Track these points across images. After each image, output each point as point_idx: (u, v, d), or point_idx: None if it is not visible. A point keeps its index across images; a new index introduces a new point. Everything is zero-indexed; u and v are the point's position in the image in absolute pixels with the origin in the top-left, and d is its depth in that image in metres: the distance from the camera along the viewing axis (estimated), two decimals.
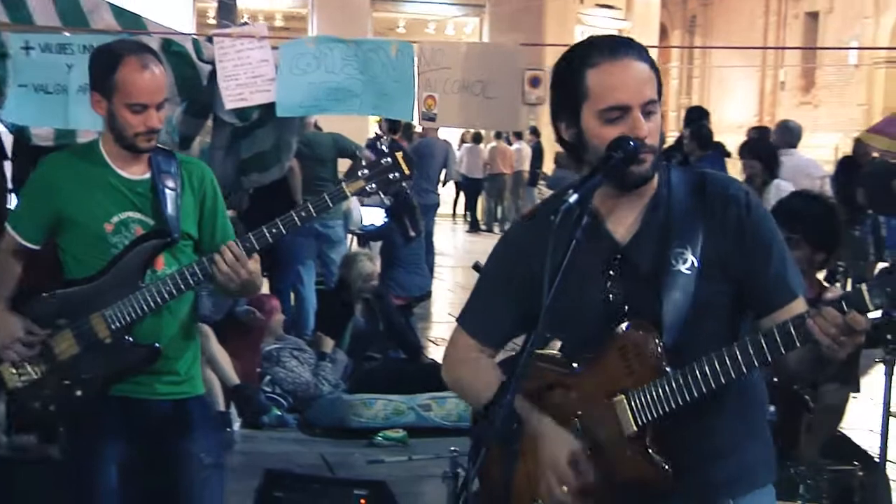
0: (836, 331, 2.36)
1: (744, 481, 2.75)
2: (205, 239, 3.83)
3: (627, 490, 2.66)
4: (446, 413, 7.94)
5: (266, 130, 7.17)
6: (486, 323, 2.91)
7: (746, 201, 2.70)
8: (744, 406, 2.74)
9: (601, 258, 2.72)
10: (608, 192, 2.69)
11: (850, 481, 4.53)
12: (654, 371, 2.60)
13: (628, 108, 2.59)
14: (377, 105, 6.69)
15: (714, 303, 2.65)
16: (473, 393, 2.87)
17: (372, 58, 6.53)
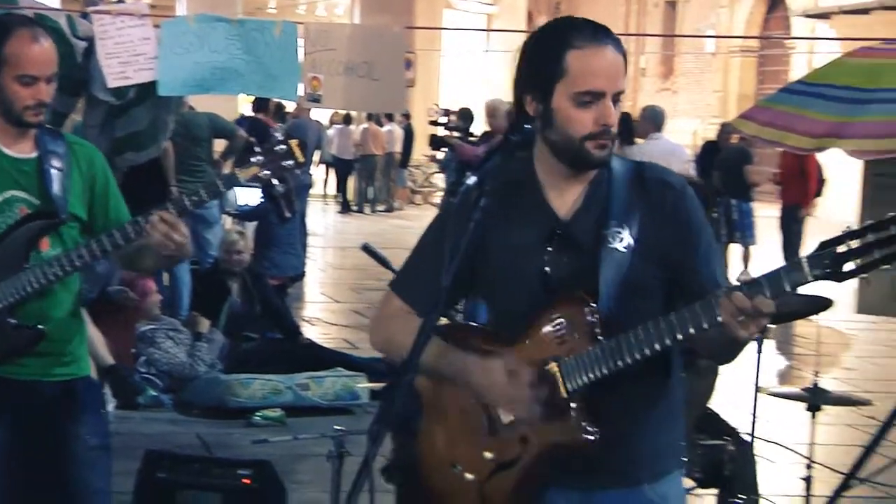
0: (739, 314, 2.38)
1: (659, 465, 2.78)
2: (98, 221, 3.71)
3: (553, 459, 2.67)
4: (324, 392, 7.90)
5: (142, 109, 7.02)
6: (417, 288, 2.87)
7: (682, 190, 2.75)
8: (664, 393, 2.77)
9: (542, 232, 2.73)
10: (556, 168, 2.73)
11: (719, 455, 4.61)
12: (587, 340, 2.62)
13: (602, 94, 2.62)
14: (262, 85, 6.60)
15: (646, 283, 2.69)
16: (399, 346, 2.80)
17: (256, 38, 6.43)
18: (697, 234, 2.72)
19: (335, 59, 6.52)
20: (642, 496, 2.74)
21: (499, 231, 2.68)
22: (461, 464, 2.76)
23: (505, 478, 2.71)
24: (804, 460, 5.07)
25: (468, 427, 2.76)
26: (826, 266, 2.33)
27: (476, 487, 2.74)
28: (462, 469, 2.76)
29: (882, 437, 5.08)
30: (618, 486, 2.73)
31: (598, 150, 2.65)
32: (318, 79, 6.58)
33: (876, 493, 5.46)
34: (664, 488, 2.77)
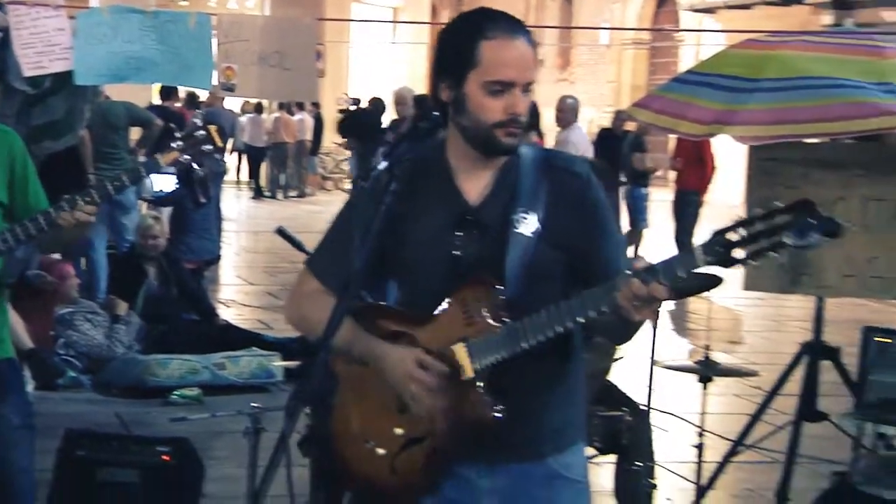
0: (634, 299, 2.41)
1: (561, 438, 2.79)
2: (17, 205, 3.64)
3: (461, 434, 2.67)
4: (240, 371, 7.86)
5: (58, 98, 6.92)
6: (331, 268, 2.84)
7: (588, 179, 2.75)
8: (566, 372, 2.78)
9: (452, 215, 2.72)
10: (467, 154, 2.72)
11: (618, 425, 4.66)
12: (493, 321, 2.63)
13: (512, 84, 2.62)
14: (176, 75, 6.52)
15: (551, 267, 2.69)
16: (315, 325, 2.78)
17: (170, 28, 6.34)
18: (601, 222, 2.74)
19: (248, 50, 6.47)
20: (547, 467, 2.76)
21: (410, 215, 2.66)
22: (373, 439, 2.75)
23: (415, 453, 2.70)
24: (696, 429, 5.14)
25: (379, 404, 2.74)
26: (718, 253, 2.36)
27: (387, 462, 2.73)
28: (374, 444, 2.75)
29: (767, 405, 5.17)
30: (523, 459, 2.74)
31: (507, 137, 2.65)
32: (231, 68, 6.52)
33: (762, 457, 5.55)
34: (568, 459, 2.80)
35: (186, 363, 7.82)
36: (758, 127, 4.78)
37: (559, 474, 2.77)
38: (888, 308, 10.57)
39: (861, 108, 4.61)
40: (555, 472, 2.76)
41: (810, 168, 5.02)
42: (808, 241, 2.31)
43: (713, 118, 4.85)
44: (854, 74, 4.73)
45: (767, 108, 4.75)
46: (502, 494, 2.74)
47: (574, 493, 2.79)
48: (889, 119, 4.58)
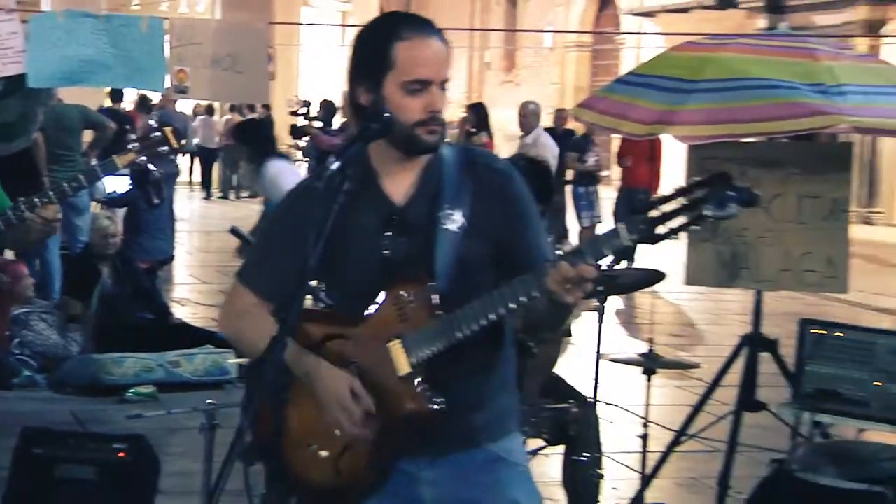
0: (565, 281, 2.42)
1: (499, 427, 2.80)
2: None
3: (400, 430, 2.66)
4: (194, 368, 7.80)
5: (12, 101, 6.84)
6: (265, 278, 2.83)
7: (510, 175, 2.77)
8: (499, 362, 2.79)
9: (379, 216, 2.71)
10: (389, 156, 2.71)
11: (565, 417, 4.67)
12: (426, 316, 2.62)
13: (429, 82, 2.63)
14: (129, 77, 6.46)
15: (478, 260, 2.70)
16: (251, 344, 2.79)
17: (123, 32, 6.29)
18: (525, 214, 2.75)
19: (201, 53, 6.44)
20: (486, 452, 2.76)
21: (340, 217, 2.60)
22: (315, 442, 2.72)
23: (356, 452, 2.68)
24: (641, 420, 5.17)
25: (319, 407, 2.70)
26: (641, 231, 2.38)
27: (331, 463, 2.71)
28: (316, 447, 2.72)
29: (709, 396, 5.21)
30: (463, 448, 2.74)
31: (428, 135, 2.66)
32: (184, 71, 6.48)
33: (704, 447, 5.58)
34: (508, 444, 2.81)
35: (141, 361, 7.76)
36: (697, 127, 4.82)
37: (500, 457, 2.77)
38: (822, 301, 10.72)
39: (795, 108, 4.66)
40: (496, 455, 2.77)
41: (748, 166, 5.05)
42: (726, 211, 2.32)
43: (655, 118, 4.88)
44: (788, 76, 4.78)
45: (706, 108, 4.79)
46: (444, 483, 2.74)
47: (517, 475, 2.80)
48: (821, 119, 4.63)
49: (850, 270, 5.07)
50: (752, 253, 5.07)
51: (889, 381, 4.46)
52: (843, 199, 5.07)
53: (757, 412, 5.06)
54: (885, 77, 5.09)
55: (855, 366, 4.54)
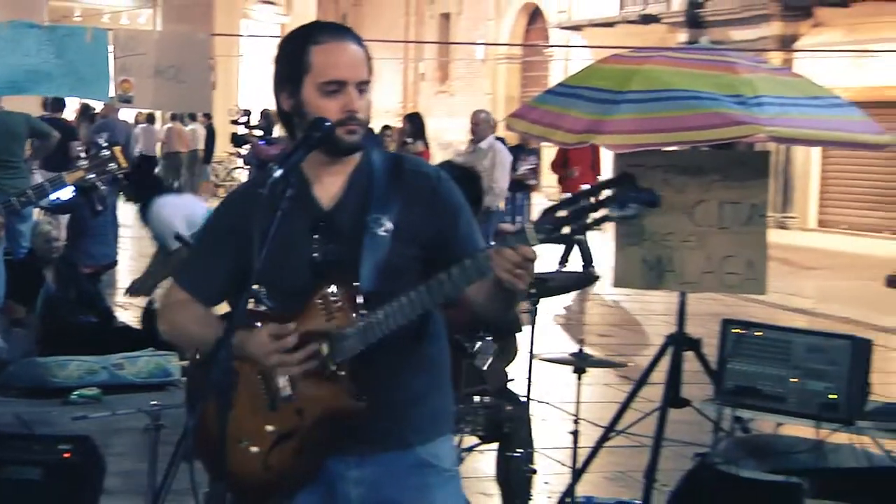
0: (511, 265, 2.42)
1: (431, 428, 2.79)
2: None
3: (328, 427, 2.66)
4: (138, 371, 7.72)
5: None
6: (201, 280, 2.84)
7: (437, 176, 2.78)
8: (431, 363, 2.78)
9: (308, 221, 2.71)
10: (318, 161, 2.71)
11: (499, 415, 4.68)
12: (351, 317, 2.63)
13: (345, 83, 2.62)
14: (74, 87, 6.41)
15: (405, 263, 2.70)
16: (189, 337, 2.82)
17: (67, 42, 6.22)
18: (456, 214, 2.76)
19: (144, 63, 6.40)
20: (416, 456, 2.75)
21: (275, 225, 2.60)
22: (247, 438, 2.72)
23: (285, 448, 2.69)
24: (571, 417, 5.19)
25: (251, 404, 2.73)
26: (547, 230, 2.40)
27: (261, 459, 2.71)
28: (247, 443, 2.73)
29: (636, 394, 5.24)
30: (391, 448, 2.73)
31: (348, 135, 2.65)
32: (128, 81, 6.44)
33: (632, 442, 5.62)
34: (436, 449, 2.78)
35: (85, 364, 7.66)
36: (624, 136, 4.85)
37: (428, 463, 2.76)
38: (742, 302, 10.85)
39: (716, 118, 4.70)
40: (424, 460, 2.75)
41: (672, 174, 5.09)
42: (628, 212, 2.35)
43: (584, 128, 4.90)
44: (709, 87, 4.82)
45: (633, 118, 4.82)
46: (370, 483, 2.73)
47: (443, 481, 2.78)
48: (740, 128, 4.69)
49: (768, 273, 5.13)
50: (676, 256, 5.10)
51: (804, 378, 4.51)
52: (761, 204, 5.11)
53: (681, 408, 5.08)
54: (799, 89, 5.16)
55: (773, 363, 4.57)
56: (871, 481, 4.39)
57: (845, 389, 4.43)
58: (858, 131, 5.11)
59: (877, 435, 4.45)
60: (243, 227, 2.64)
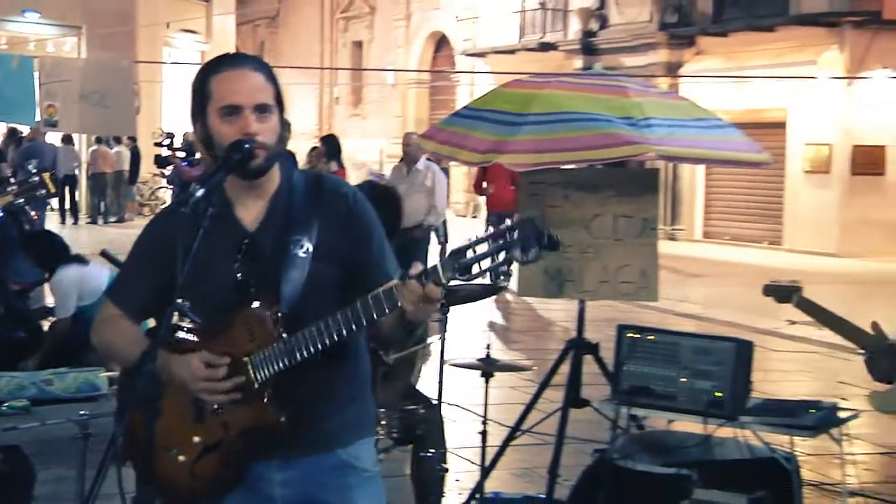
0: (417, 299, 2.43)
1: (352, 433, 2.77)
2: None
3: (251, 440, 2.64)
4: (66, 386, 7.45)
5: None
6: (130, 296, 2.80)
7: (354, 198, 2.75)
8: (352, 373, 2.77)
9: (232, 241, 2.67)
10: (238, 184, 2.67)
11: (413, 418, 4.66)
12: (272, 337, 2.60)
13: (240, 108, 2.59)
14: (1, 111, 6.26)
15: (325, 282, 2.67)
16: (120, 352, 2.77)
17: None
18: (369, 235, 2.74)
19: (70, 89, 6.28)
20: (337, 458, 2.73)
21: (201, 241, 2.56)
22: (175, 447, 2.69)
23: (212, 457, 2.66)
24: (480, 418, 5.19)
25: (180, 416, 2.69)
26: (456, 269, 2.40)
27: (188, 468, 2.68)
28: (176, 452, 2.69)
29: (539, 395, 5.27)
30: (314, 452, 2.71)
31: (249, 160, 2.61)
32: (53, 106, 6.32)
33: (536, 440, 5.63)
34: (357, 451, 2.77)
35: (14, 380, 7.39)
36: (526, 155, 4.88)
37: (349, 464, 2.74)
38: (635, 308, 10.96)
39: (609, 138, 4.76)
40: (345, 462, 2.73)
41: (570, 190, 5.14)
42: (529, 256, 2.34)
43: (488, 147, 4.93)
44: (603, 110, 4.88)
45: (533, 138, 4.85)
46: (295, 485, 2.71)
47: (363, 480, 2.76)
48: (632, 148, 4.75)
49: (659, 281, 5.19)
50: (575, 267, 5.14)
51: (693, 377, 4.57)
52: (652, 218, 5.18)
53: (581, 408, 5.12)
54: (684, 111, 5.24)
55: (664, 365, 4.62)
56: (753, 471, 4.47)
57: (730, 388, 4.50)
58: (739, 150, 5.21)
59: (757, 429, 4.53)
60: (169, 245, 2.61)
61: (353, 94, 35.53)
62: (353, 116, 34.59)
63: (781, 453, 4.59)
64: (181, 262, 2.50)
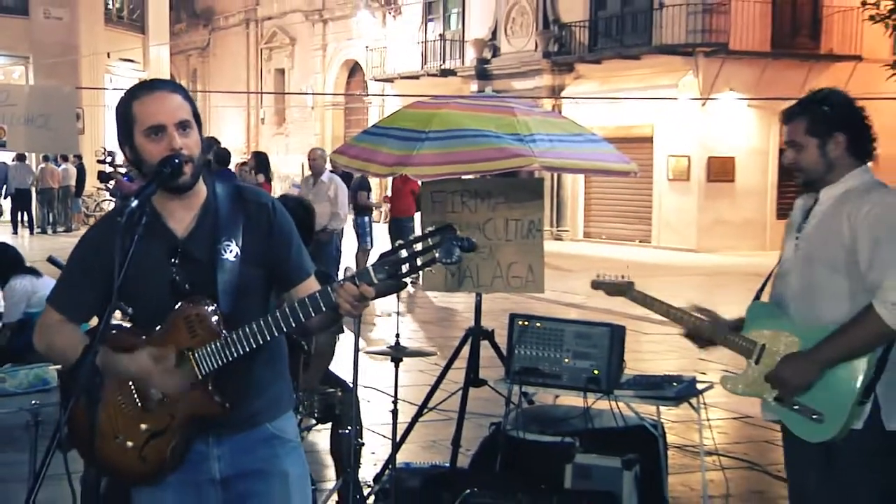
0: (353, 299, 2.41)
1: (275, 409, 2.75)
2: None
3: (195, 424, 2.60)
4: (18, 383, 7.24)
5: None
6: (71, 301, 2.70)
7: (273, 206, 2.70)
8: (273, 357, 2.73)
9: (165, 249, 2.60)
10: (167, 198, 2.61)
11: (332, 400, 4.63)
12: (213, 334, 2.55)
13: (163, 126, 2.52)
14: None
15: (253, 283, 2.63)
16: (63, 354, 2.67)
17: None
18: (287, 239, 2.69)
19: (16, 113, 6.10)
20: (265, 431, 2.71)
21: (137, 248, 2.48)
22: (122, 435, 2.62)
23: (158, 443, 2.61)
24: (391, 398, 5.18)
25: (126, 406, 2.62)
26: (385, 271, 2.40)
27: (136, 453, 2.62)
28: (123, 439, 2.62)
29: (443, 377, 5.29)
30: (246, 428, 2.69)
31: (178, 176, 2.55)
32: (2, 128, 6.12)
33: (441, 416, 5.65)
34: (281, 424, 2.75)
35: None
36: (427, 167, 4.89)
37: (276, 436, 2.72)
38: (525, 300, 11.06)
39: (500, 152, 4.79)
40: (272, 434, 2.72)
41: (466, 197, 5.16)
42: (452, 258, 2.35)
43: (394, 161, 4.92)
44: (493, 127, 4.91)
45: (434, 152, 4.86)
46: (230, 457, 2.68)
47: (289, 450, 2.75)
48: (519, 160, 4.79)
49: (545, 275, 5.24)
50: (472, 264, 5.17)
51: (574, 358, 4.61)
52: (537, 220, 5.22)
53: (480, 387, 5.14)
54: (564, 128, 5.31)
55: (550, 348, 4.66)
56: (626, 437, 4.53)
57: (605, 366, 4.56)
58: (610, 161, 5.29)
59: (629, 401, 4.60)
60: (107, 251, 2.53)
61: (277, 115, 35.21)
62: (277, 135, 34.26)
63: (649, 421, 4.67)
64: (118, 266, 2.42)
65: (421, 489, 4.58)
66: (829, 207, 3.20)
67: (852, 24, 20.36)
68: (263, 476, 2.69)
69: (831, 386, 3.10)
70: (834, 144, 3.19)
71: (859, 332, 3.04)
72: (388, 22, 29.55)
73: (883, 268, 3.00)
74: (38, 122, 6.11)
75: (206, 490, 2.68)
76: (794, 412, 3.18)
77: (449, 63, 26.75)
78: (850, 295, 3.09)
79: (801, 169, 3.25)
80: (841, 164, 3.21)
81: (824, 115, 3.20)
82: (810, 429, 3.14)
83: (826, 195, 3.22)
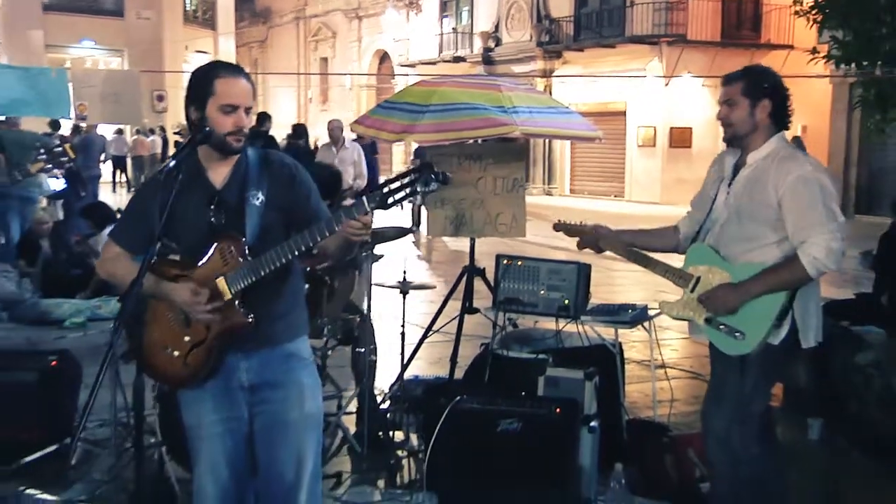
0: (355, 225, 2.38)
1: (294, 331, 2.73)
2: None
3: (226, 336, 2.59)
4: (111, 310, 7.33)
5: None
6: (126, 238, 2.71)
7: (294, 166, 2.70)
8: (292, 290, 2.72)
9: (205, 196, 2.61)
10: (212, 156, 2.61)
11: (351, 324, 4.60)
12: (241, 261, 2.54)
13: (238, 107, 2.53)
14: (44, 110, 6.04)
15: (274, 225, 2.62)
16: (120, 281, 2.66)
17: (39, 78, 5.87)
18: (306, 190, 2.67)
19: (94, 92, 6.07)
20: (284, 349, 2.69)
21: (180, 198, 2.51)
22: (170, 346, 2.63)
23: (199, 351, 2.60)
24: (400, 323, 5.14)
25: (173, 322, 2.63)
26: (376, 200, 2.35)
27: (181, 360, 2.62)
28: (171, 349, 2.63)
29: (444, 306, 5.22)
30: (268, 345, 2.67)
31: (235, 142, 2.57)
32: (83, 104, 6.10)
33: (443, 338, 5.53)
34: (297, 345, 2.74)
35: (74, 305, 7.27)
36: (429, 134, 4.80)
37: (293, 354, 2.71)
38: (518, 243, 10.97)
39: (488, 121, 4.69)
40: (290, 352, 2.70)
41: (461, 159, 5.07)
42: (430, 188, 2.32)
43: (401, 129, 4.83)
44: (483, 101, 4.80)
45: (434, 122, 4.77)
46: (256, 368, 2.67)
47: (303, 365, 2.74)
48: (503, 128, 4.68)
49: (537, 224, 5.14)
50: (468, 214, 5.10)
51: (548, 290, 4.56)
52: (520, 178, 5.14)
53: (473, 314, 5.10)
54: (542, 102, 5.18)
55: (528, 282, 4.62)
56: (590, 354, 4.48)
57: (574, 297, 4.51)
58: (579, 129, 5.17)
59: (593, 324, 4.55)
60: (152, 201, 2.54)
61: (322, 94, 34.99)
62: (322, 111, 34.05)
63: (609, 341, 4.62)
64: (158, 213, 2.46)
65: (423, 396, 4.55)
66: (753, 171, 3.16)
67: (785, 18, 19.96)
68: (282, 385, 2.68)
69: (753, 311, 3.08)
70: (761, 108, 3.14)
71: (784, 274, 3.04)
72: (410, 18, 29.17)
73: (807, 228, 2.99)
74: (112, 99, 6.09)
75: (236, 394, 2.68)
76: (720, 332, 3.13)
77: (460, 51, 26.41)
78: (777, 243, 3.09)
79: (732, 123, 3.19)
80: (763, 127, 3.17)
81: (759, 81, 3.16)
82: (732, 344, 3.13)
83: (752, 158, 3.18)
